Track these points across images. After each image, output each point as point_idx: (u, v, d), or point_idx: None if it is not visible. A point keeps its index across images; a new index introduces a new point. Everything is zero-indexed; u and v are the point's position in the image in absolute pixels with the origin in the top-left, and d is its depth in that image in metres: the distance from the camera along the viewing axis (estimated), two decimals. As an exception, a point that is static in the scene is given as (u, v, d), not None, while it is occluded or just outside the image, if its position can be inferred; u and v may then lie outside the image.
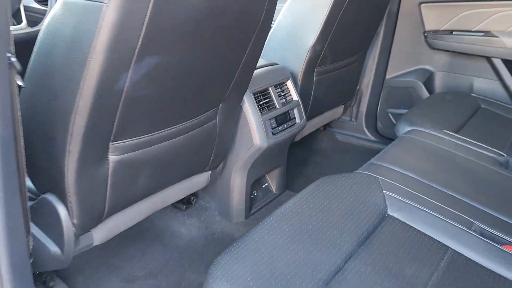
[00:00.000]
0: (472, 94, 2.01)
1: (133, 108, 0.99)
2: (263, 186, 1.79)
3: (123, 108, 0.96)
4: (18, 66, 0.80)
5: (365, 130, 2.37)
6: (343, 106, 2.25)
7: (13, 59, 0.77)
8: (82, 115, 0.90)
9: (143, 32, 0.85)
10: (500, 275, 0.94)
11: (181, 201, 1.68)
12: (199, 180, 1.47)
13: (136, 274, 1.45)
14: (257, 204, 1.74)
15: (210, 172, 1.49)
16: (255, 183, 1.72)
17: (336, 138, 2.44)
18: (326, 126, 2.46)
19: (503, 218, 1.11)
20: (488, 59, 2.03)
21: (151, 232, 1.62)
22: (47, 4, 1.63)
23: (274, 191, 1.82)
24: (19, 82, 0.82)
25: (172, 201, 1.41)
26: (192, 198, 1.70)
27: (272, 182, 1.81)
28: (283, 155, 1.76)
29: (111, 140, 1.01)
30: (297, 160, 2.21)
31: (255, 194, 1.75)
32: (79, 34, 0.82)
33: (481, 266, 0.96)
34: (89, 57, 0.82)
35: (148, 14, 0.83)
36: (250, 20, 1.12)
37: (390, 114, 2.32)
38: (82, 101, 0.87)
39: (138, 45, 0.86)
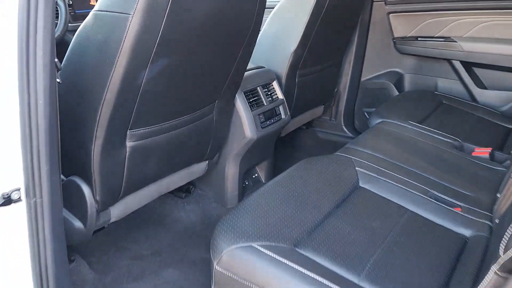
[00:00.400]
0: (436, 92, 2.27)
1: (147, 101, 1.20)
2: (254, 176, 2.01)
3: (139, 101, 1.17)
4: (59, 65, 1.00)
5: (344, 128, 2.61)
6: (323, 106, 2.49)
7: (56, 60, 0.98)
8: (108, 106, 1.10)
9: (158, 38, 1.06)
10: (449, 229, 1.17)
11: (181, 190, 1.88)
12: (198, 168, 1.67)
13: (143, 253, 1.63)
14: (248, 192, 1.95)
15: (207, 161, 1.70)
16: (246, 173, 1.93)
17: (318, 136, 2.68)
18: (309, 125, 2.68)
19: (454, 187, 1.35)
20: (449, 61, 2.30)
21: (154, 218, 1.81)
22: (57, 17, 1.83)
23: (263, 181, 2.03)
24: (58, 79, 1.02)
25: (175, 186, 1.61)
26: (191, 187, 1.90)
27: (261, 172, 2.03)
28: (270, 147, 1.98)
29: (129, 128, 1.22)
30: (283, 155, 2.43)
31: (246, 183, 1.96)
32: (109, 39, 1.03)
33: (434, 222, 1.19)
34: (117, 58, 1.03)
35: (163, 24, 1.04)
36: (242, 28, 1.34)
37: (365, 113, 2.56)
38: (109, 94, 1.08)
39: (154, 48, 1.07)
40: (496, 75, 2.21)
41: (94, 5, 2.23)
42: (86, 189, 1.24)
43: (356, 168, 1.35)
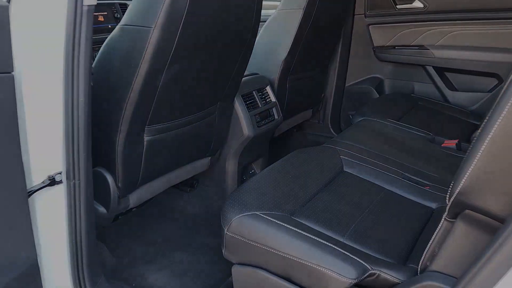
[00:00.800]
0: (412, 95, 2.52)
1: (163, 101, 1.41)
2: (251, 172, 2.22)
3: (157, 100, 1.38)
4: (92, 70, 1.21)
5: (331, 129, 2.84)
6: (312, 110, 2.73)
7: (90, 65, 1.19)
8: (132, 104, 1.31)
9: (174, 46, 1.28)
10: (419, 203, 1.40)
11: (186, 184, 2.08)
12: (202, 163, 1.88)
13: (155, 240, 1.83)
14: (246, 186, 2.16)
15: (210, 158, 1.91)
16: (244, 170, 2.14)
17: (307, 137, 2.91)
18: (299, 128, 2.91)
19: (424, 171, 1.58)
20: (423, 67, 2.56)
21: (163, 211, 2.01)
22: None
23: (259, 177, 2.24)
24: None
25: (182, 178, 1.81)
26: (195, 182, 2.10)
27: (257, 169, 2.24)
28: (265, 146, 2.20)
29: (147, 124, 1.42)
30: (276, 154, 2.65)
31: (244, 178, 2.16)
32: (133, 48, 1.24)
33: (406, 198, 1.41)
34: (140, 64, 1.24)
35: (177, 35, 1.26)
36: (240, 39, 1.57)
37: (350, 115, 2.80)
38: (133, 94, 1.29)
39: (170, 56, 1.29)
40: (465, 79, 2.48)
41: (102, 21, 2.47)
42: (109, 178, 1.44)
43: (341, 156, 1.57)
